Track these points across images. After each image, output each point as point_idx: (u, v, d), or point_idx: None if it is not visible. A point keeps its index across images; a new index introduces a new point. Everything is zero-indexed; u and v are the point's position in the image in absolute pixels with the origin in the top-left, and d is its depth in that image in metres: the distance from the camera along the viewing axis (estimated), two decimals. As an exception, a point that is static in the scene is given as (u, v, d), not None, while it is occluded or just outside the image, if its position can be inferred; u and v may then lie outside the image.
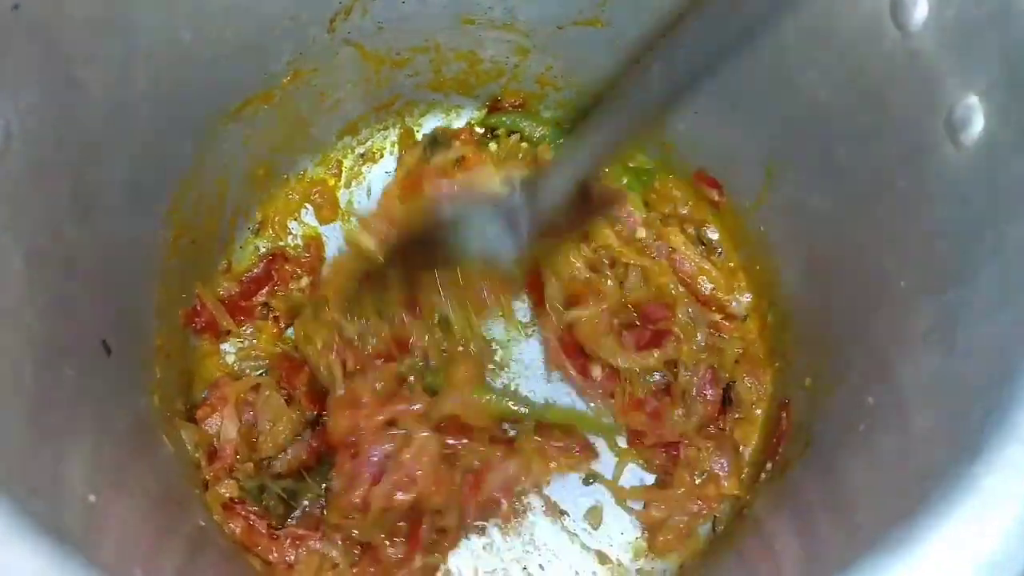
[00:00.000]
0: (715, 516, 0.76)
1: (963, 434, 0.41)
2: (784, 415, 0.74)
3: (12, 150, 0.52)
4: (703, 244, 0.87)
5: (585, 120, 0.64)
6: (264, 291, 0.83)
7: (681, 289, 0.82)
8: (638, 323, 0.81)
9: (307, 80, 0.79)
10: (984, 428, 0.40)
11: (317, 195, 0.88)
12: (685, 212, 0.88)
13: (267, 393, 0.77)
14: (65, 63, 0.57)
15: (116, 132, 0.63)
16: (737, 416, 0.79)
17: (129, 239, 0.67)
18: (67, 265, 0.59)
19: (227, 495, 0.71)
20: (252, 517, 0.71)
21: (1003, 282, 0.48)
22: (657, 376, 0.80)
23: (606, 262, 0.82)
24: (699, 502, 0.75)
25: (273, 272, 0.83)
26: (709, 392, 0.78)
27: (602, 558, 0.77)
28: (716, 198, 0.84)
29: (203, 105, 0.72)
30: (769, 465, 0.74)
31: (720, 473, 0.76)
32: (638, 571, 0.76)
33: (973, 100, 0.50)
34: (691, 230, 0.87)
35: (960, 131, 0.51)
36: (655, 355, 0.77)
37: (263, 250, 0.85)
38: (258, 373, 0.80)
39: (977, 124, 0.50)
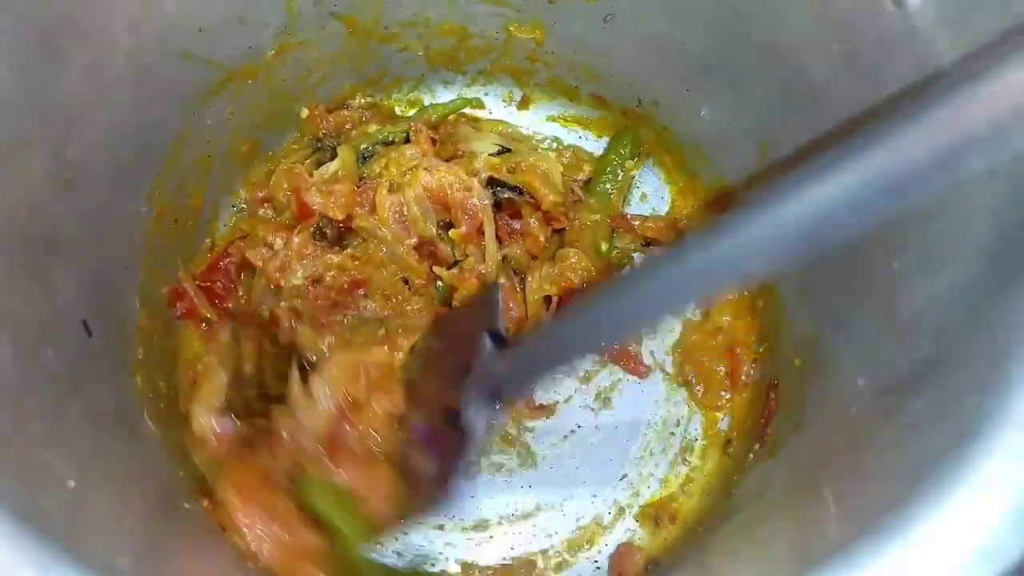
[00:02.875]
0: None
1: (958, 419, 0.41)
2: (772, 396, 0.74)
3: (-10, 124, 0.50)
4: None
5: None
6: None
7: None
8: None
9: (293, 54, 0.78)
10: (980, 413, 0.40)
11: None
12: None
13: None
14: (43, 34, 0.55)
15: (98, 106, 0.62)
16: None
17: (112, 216, 0.66)
18: (48, 242, 0.57)
19: None
20: None
21: (997, 265, 0.48)
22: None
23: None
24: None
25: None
26: None
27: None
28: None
29: (187, 79, 0.71)
30: (757, 446, 0.74)
31: None
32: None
33: (972, 80, 0.49)
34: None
35: (959, 111, 0.50)
36: None
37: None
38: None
39: (976, 104, 0.49)
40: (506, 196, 0.81)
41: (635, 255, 0.86)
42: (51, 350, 0.55)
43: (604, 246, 0.83)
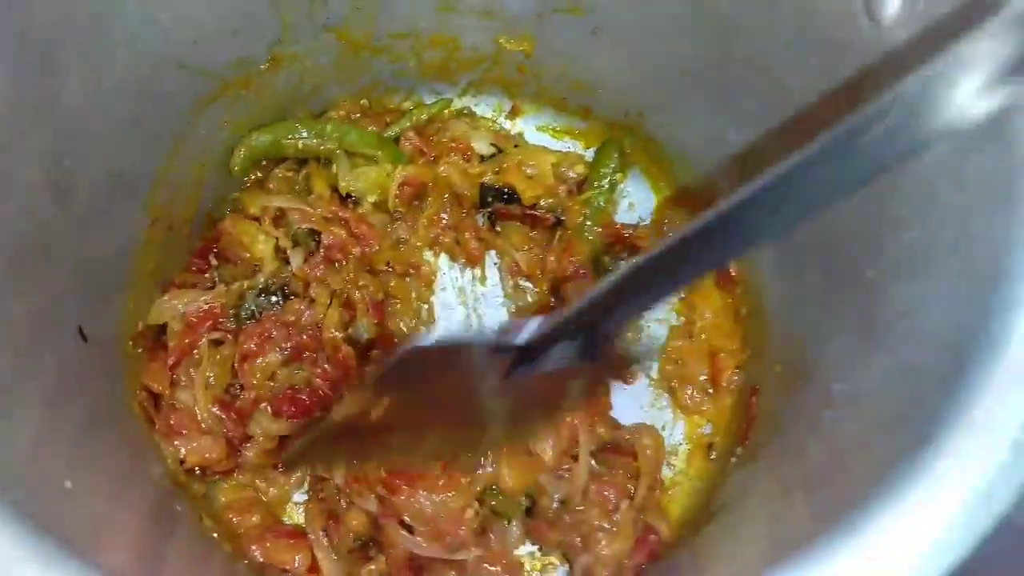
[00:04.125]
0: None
1: (919, 422, 0.43)
2: (753, 401, 0.76)
3: (-12, 133, 0.52)
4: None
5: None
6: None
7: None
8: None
9: (286, 66, 0.79)
10: (937, 416, 0.41)
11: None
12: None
13: None
14: (40, 46, 0.56)
15: (94, 116, 0.63)
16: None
17: (107, 224, 0.67)
18: (45, 250, 0.58)
19: None
20: None
21: (965, 273, 0.50)
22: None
23: None
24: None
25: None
26: None
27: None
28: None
29: (182, 90, 0.72)
30: (739, 450, 0.75)
31: None
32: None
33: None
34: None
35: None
36: None
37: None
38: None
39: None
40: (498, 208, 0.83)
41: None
42: (47, 355, 0.56)
43: (605, 259, 0.85)
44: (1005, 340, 0.42)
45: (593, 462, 0.76)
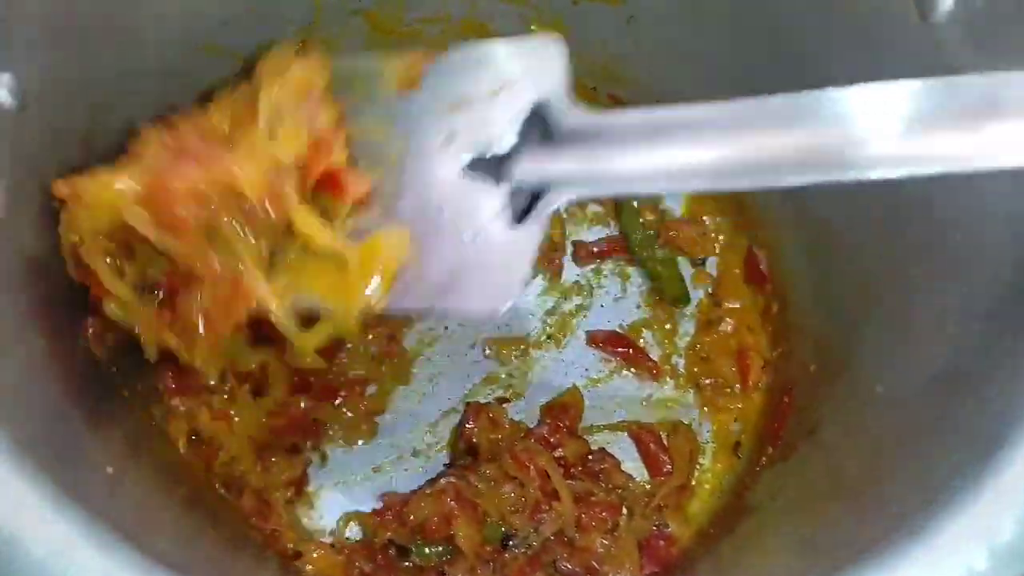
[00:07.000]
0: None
1: (981, 424, 0.42)
2: (786, 399, 0.75)
3: (29, 112, 0.51)
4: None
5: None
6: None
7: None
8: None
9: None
10: (1004, 418, 0.41)
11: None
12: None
13: None
14: (79, 27, 0.56)
15: (124, 97, 0.62)
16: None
17: (135, 206, 0.66)
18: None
19: None
20: None
21: (1017, 274, 0.49)
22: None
23: None
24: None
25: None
26: None
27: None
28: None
29: (210, 72, 0.71)
30: (770, 449, 0.75)
31: None
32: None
33: (999, 95, 0.50)
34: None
35: (983, 126, 0.51)
36: None
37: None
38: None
39: (1001, 120, 0.50)
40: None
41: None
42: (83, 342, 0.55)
43: None
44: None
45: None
